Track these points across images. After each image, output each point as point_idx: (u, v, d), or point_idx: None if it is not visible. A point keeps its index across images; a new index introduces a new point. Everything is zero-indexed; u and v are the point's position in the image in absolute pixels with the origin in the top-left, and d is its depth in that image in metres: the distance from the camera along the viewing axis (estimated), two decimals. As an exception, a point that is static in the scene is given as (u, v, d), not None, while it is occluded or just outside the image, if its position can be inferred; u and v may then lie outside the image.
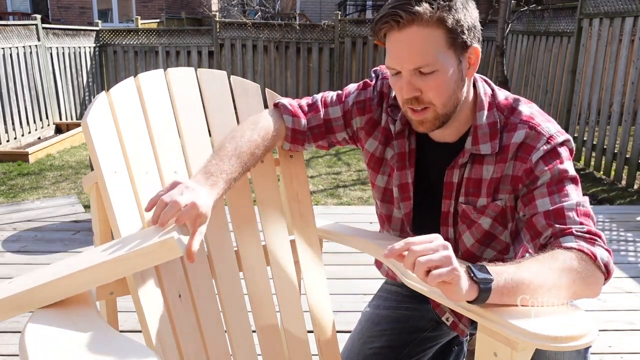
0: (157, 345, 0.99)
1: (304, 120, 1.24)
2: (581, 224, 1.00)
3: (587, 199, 1.05)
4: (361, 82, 1.26)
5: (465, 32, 1.01)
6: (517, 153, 1.08)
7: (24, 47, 5.52)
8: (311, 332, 1.29)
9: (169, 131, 1.16)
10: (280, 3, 13.52)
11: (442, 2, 0.99)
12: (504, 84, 5.05)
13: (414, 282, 1.05)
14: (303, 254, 1.30)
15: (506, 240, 1.19)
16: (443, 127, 1.10)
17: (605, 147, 4.45)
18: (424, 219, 1.24)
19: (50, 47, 6.01)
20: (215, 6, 15.30)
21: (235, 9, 12.55)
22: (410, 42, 1.00)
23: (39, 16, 5.93)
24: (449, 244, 0.87)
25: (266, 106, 1.30)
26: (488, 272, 0.89)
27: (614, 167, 4.34)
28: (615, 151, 4.33)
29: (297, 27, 7.04)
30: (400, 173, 1.21)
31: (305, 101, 1.27)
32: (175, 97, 1.18)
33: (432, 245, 0.86)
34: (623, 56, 4.24)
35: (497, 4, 5.11)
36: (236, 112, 1.26)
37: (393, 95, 1.20)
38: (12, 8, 13.78)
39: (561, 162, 1.05)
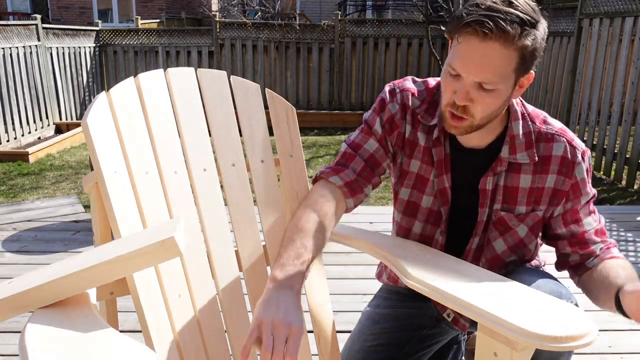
0: (157, 345, 0.99)
1: (349, 171, 1.20)
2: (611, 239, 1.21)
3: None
4: (375, 104, 1.24)
5: (532, 59, 1.03)
6: (561, 168, 1.15)
7: (24, 47, 5.52)
8: (311, 332, 1.28)
9: (169, 131, 1.16)
10: (280, 3, 13.52)
11: (529, 28, 0.98)
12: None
13: (415, 282, 1.05)
14: (303, 254, 1.30)
15: (532, 249, 1.25)
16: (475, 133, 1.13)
17: (605, 147, 4.45)
18: (456, 224, 1.26)
19: (50, 47, 6.01)
20: (215, 6, 15.30)
21: (235, 9, 12.56)
22: (487, 55, 0.98)
23: (39, 16, 5.93)
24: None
25: (266, 106, 1.31)
26: None
27: (614, 167, 4.34)
28: (615, 151, 4.33)
29: (297, 27, 7.04)
30: (438, 179, 1.21)
31: (337, 159, 1.24)
32: (175, 97, 1.18)
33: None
34: (623, 56, 4.24)
35: (497, 4, 5.11)
36: (236, 112, 1.26)
37: (417, 102, 1.21)
38: (12, 8, 13.78)
39: (590, 179, 1.19)
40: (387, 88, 1.25)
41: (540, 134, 1.15)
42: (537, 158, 1.14)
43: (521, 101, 1.18)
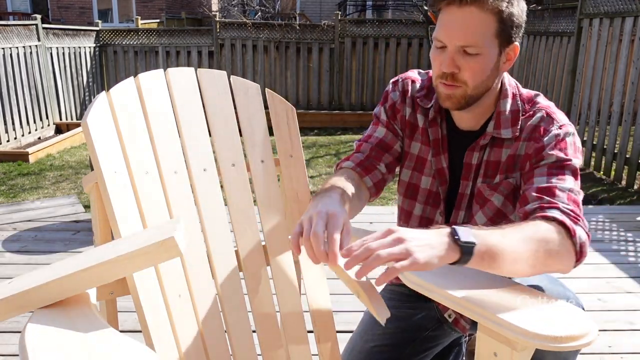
0: (157, 345, 0.99)
1: (358, 154, 1.27)
2: (570, 205, 1.03)
3: (582, 193, 1.09)
4: (382, 97, 1.34)
5: (514, 27, 1.08)
6: (532, 134, 1.14)
7: (24, 47, 5.52)
8: (311, 332, 1.28)
9: (169, 131, 1.16)
10: (280, 3, 13.52)
11: None
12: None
13: (415, 282, 1.05)
14: (303, 254, 1.30)
15: (514, 219, 1.22)
16: (466, 111, 1.16)
17: (605, 147, 4.45)
18: (452, 203, 1.27)
19: (50, 47, 6.01)
20: (215, 6, 15.30)
21: (235, 9, 12.56)
22: (465, 20, 1.04)
23: (39, 16, 5.93)
24: (402, 232, 0.86)
25: (266, 106, 1.31)
26: (472, 235, 0.89)
27: (614, 167, 4.34)
28: (615, 151, 4.32)
29: (297, 27, 7.04)
30: (435, 159, 1.26)
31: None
32: (175, 97, 1.18)
33: (387, 240, 0.85)
34: (623, 56, 4.24)
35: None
36: (236, 112, 1.26)
37: (417, 87, 1.27)
38: (12, 8, 13.78)
39: (566, 150, 1.10)
40: (391, 80, 1.33)
41: (526, 112, 1.17)
42: (517, 133, 1.16)
43: (516, 84, 1.21)
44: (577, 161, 1.10)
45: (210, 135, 1.22)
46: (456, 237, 0.88)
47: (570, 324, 0.86)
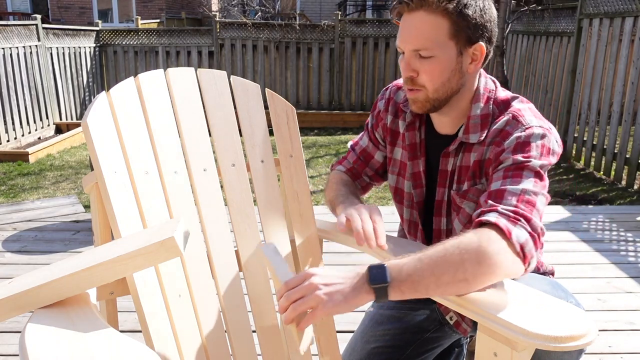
0: (157, 345, 0.99)
1: (346, 162, 1.41)
2: (515, 206, 0.97)
3: (543, 194, 1.02)
4: None
5: (472, 27, 1.06)
6: (495, 138, 1.11)
7: (24, 47, 5.52)
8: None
9: (169, 131, 1.16)
10: (280, 3, 13.52)
11: None
12: (504, 84, 5.05)
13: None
14: (303, 254, 1.30)
15: None
16: (440, 114, 1.16)
17: (605, 147, 4.45)
18: (432, 208, 1.27)
19: (50, 47, 6.01)
20: (215, 6, 15.29)
21: (235, 9, 12.56)
22: (415, 25, 1.06)
23: (39, 16, 5.93)
24: (315, 272, 0.91)
25: (266, 106, 1.31)
26: (385, 274, 0.90)
27: (614, 167, 4.34)
28: (615, 151, 4.33)
29: (297, 27, 7.04)
30: (412, 163, 1.27)
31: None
32: (175, 97, 1.18)
33: (301, 287, 0.90)
34: (623, 56, 4.24)
35: (497, 4, 5.11)
36: (236, 112, 1.26)
37: (402, 95, 1.29)
38: (12, 8, 13.77)
39: (528, 152, 1.04)
40: (386, 86, 1.36)
41: (497, 116, 1.13)
42: (483, 137, 1.13)
43: (495, 87, 1.17)
44: (541, 162, 1.03)
45: (210, 135, 1.22)
46: (369, 280, 0.90)
47: (570, 324, 0.86)
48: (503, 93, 1.16)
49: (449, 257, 0.90)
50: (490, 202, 1.00)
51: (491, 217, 0.96)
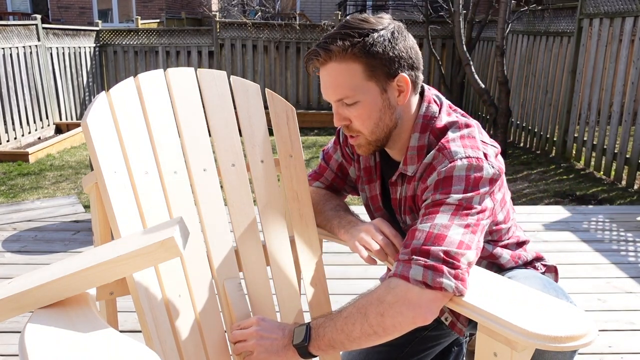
0: (157, 345, 0.99)
1: (323, 179, 1.40)
2: (422, 246, 0.97)
3: (461, 225, 0.99)
4: None
5: (386, 63, 1.05)
6: (422, 173, 1.10)
7: (24, 47, 5.52)
8: (311, 332, 1.28)
9: (169, 131, 1.16)
10: (280, 3, 13.52)
11: (356, 39, 1.03)
12: (504, 84, 5.04)
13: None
14: (303, 254, 1.30)
15: None
16: (389, 147, 1.17)
17: (605, 147, 4.45)
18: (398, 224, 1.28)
19: (50, 47, 6.01)
20: (215, 6, 15.30)
21: (235, 9, 12.56)
22: (330, 76, 1.07)
23: (39, 16, 5.93)
24: (260, 323, 1.10)
25: (266, 106, 1.31)
26: (305, 335, 1.04)
27: (614, 167, 4.34)
28: (615, 151, 4.33)
29: (297, 27, 7.04)
30: (369, 186, 1.30)
31: (315, 169, 1.44)
32: (175, 97, 1.18)
33: (245, 332, 1.09)
34: (623, 56, 4.24)
35: (497, 4, 5.11)
36: (236, 113, 1.26)
37: None
38: (12, 8, 13.78)
39: (448, 188, 1.02)
40: None
41: (432, 146, 1.10)
42: (416, 171, 1.12)
43: (440, 110, 1.13)
44: (465, 195, 1.00)
45: (210, 135, 1.22)
46: (292, 340, 1.05)
47: (570, 324, 0.86)
48: (445, 119, 1.11)
49: (356, 315, 0.99)
50: (401, 249, 1.02)
51: (395, 268, 1.00)
